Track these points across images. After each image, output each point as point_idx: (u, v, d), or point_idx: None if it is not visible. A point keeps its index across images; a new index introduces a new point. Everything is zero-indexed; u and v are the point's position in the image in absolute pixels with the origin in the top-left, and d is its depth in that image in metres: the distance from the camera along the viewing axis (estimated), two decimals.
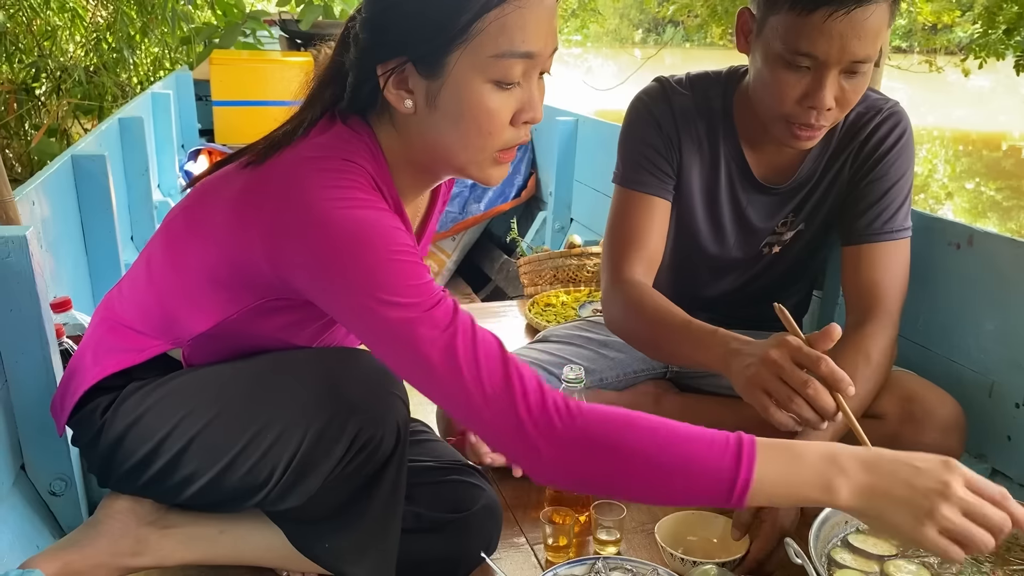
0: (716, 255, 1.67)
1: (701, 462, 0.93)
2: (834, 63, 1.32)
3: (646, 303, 1.46)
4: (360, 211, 0.99)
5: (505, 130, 1.03)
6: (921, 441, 1.43)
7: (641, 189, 1.56)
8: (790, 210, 1.62)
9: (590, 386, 1.70)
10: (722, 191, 1.60)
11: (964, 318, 1.62)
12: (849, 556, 1.17)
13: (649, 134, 1.56)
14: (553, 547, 1.40)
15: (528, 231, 3.55)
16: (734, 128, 1.57)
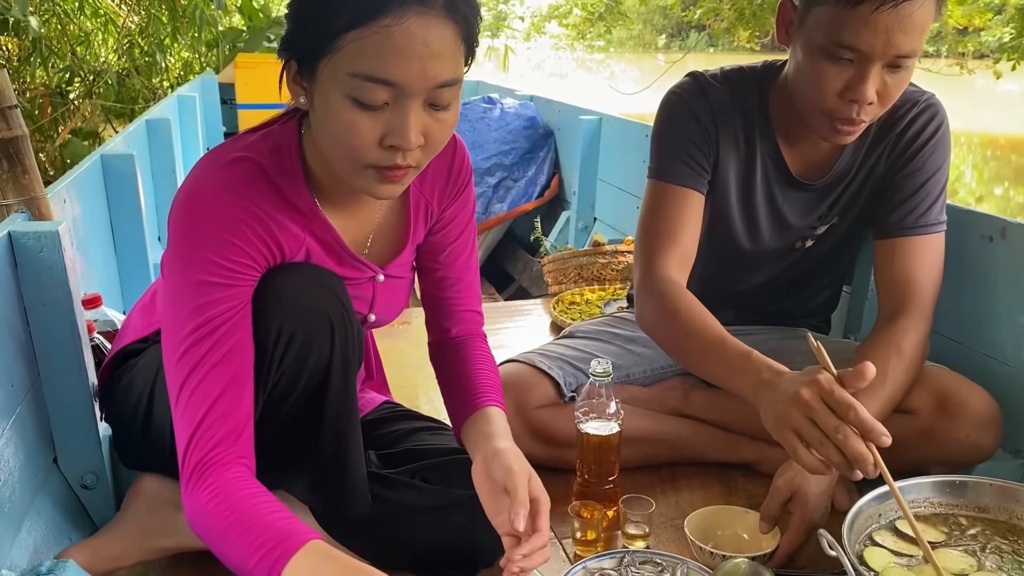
0: (750, 251, 1.65)
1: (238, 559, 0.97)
2: (878, 57, 1.30)
3: (681, 309, 1.41)
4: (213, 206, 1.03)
5: (371, 150, 0.98)
6: (955, 436, 1.42)
7: (676, 181, 1.53)
8: (826, 205, 1.60)
9: (617, 381, 1.69)
10: (758, 187, 1.58)
11: (998, 312, 1.60)
12: (891, 539, 1.16)
13: (686, 127, 1.54)
14: (581, 541, 1.40)
15: (552, 231, 3.54)
16: (771, 124, 1.55)
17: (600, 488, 1.48)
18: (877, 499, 1.19)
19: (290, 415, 1.14)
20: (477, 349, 1.33)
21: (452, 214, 1.28)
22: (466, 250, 1.32)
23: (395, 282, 1.29)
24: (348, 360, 1.14)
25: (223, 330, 1.02)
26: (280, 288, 1.07)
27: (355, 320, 1.15)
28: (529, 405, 1.60)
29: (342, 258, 1.19)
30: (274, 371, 1.09)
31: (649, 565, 1.29)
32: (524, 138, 3.64)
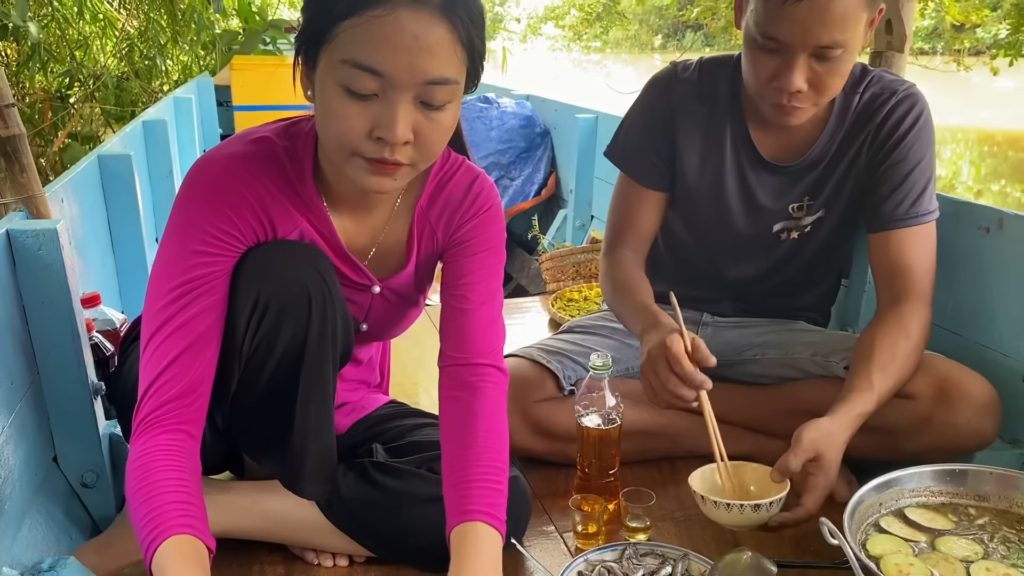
0: (727, 236, 1.68)
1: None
2: (798, 47, 1.34)
3: (616, 275, 1.64)
4: (216, 173, 1.08)
5: (360, 140, 0.99)
6: (954, 422, 1.42)
7: (632, 176, 1.67)
8: (803, 191, 1.61)
9: (616, 375, 1.69)
10: (728, 171, 1.62)
11: (995, 303, 1.60)
12: (898, 525, 1.16)
13: (645, 126, 1.64)
14: (583, 534, 1.39)
15: (549, 229, 3.54)
16: (741, 109, 1.58)
17: (600, 481, 1.48)
18: (877, 488, 1.19)
19: (267, 391, 1.14)
20: (490, 408, 1.21)
21: (463, 238, 1.24)
22: (477, 278, 1.24)
23: (395, 300, 1.29)
24: (325, 338, 1.13)
25: (195, 294, 1.05)
26: (260, 258, 1.09)
27: (339, 301, 1.14)
28: (529, 400, 1.60)
29: (337, 255, 1.19)
30: (249, 341, 1.10)
31: (650, 557, 1.29)
32: (521, 137, 3.64)
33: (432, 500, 1.23)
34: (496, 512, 1.12)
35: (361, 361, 1.44)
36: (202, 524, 1.00)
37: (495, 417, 1.21)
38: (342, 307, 1.16)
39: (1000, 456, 1.48)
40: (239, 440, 1.23)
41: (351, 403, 1.45)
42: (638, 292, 1.58)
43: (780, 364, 1.72)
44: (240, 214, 1.08)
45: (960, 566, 1.07)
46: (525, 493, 1.35)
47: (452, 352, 1.23)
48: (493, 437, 1.18)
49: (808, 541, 1.41)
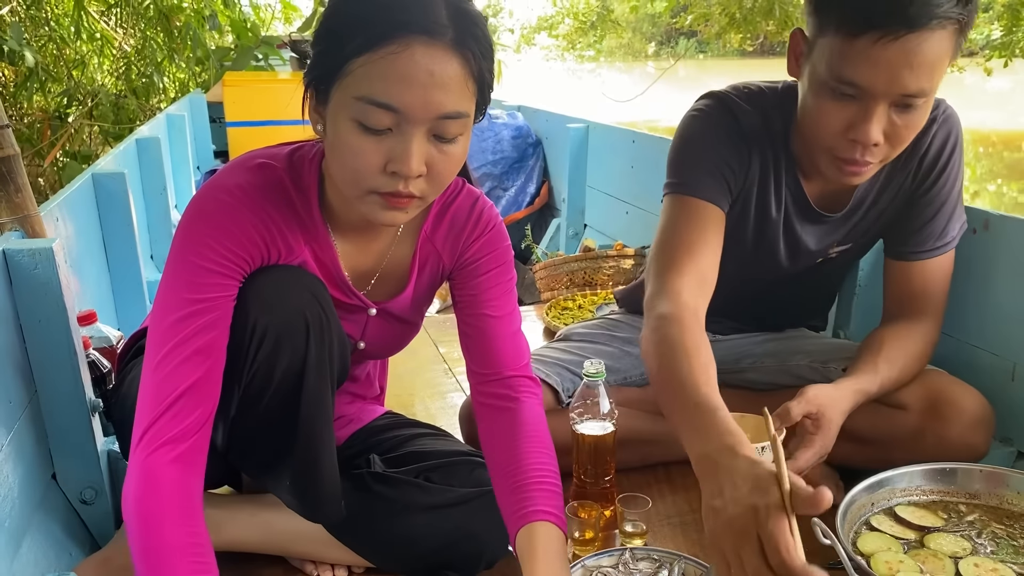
0: (760, 272, 1.61)
1: None
2: (881, 95, 1.20)
3: (670, 336, 1.23)
4: (222, 198, 1.07)
5: (374, 174, 0.99)
6: (946, 435, 1.42)
7: (700, 195, 1.41)
8: (846, 233, 1.56)
9: (614, 384, 1.71)
10: (777, 219, 1.52)
11: (984, 302, 1.62)
12: (889, 523, 1.17)
13: (720, 146, 1.43)
14: (580, 540, 1.40)
15: (543, 238, 3.56)
16: (793, 154, 1.46)
17: (597, 488, 1.49)
18: (868, 489, 1.21)
19: (267, 416, 1.15)
20: (530, 415, 1.24)
21: (472, 259, 1.26)
22: (493, 293, 1.26)
23: (393, 322, 1.30)
24: (324, 363, 1.14)
25: (208, 317, 1.04)
26: (259, 284, 1.09)
27: (335, 326, 1.15)
28: None
29: (335, 282, 1.20)
30: (248, 366, 1.10)
31: (646, 562, 1.30)
32: (512, 148, 3.66)
33: (430, 509, 1.24)
34: (559, 512, 1.15)
35: (359, 378, 1.45)
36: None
37: (538, 423, 1.24)
38: (339, 332, 1.17)
39: (992, 455, 1.49)
40: (240, 464, 1.24)
41: (347, 415, 1.46)
42: (699, 375, 1.15)
43: (778, 371, 1.74)
44: (249, 237, 1.08)
45: (949, 562, 1.08)
46: None
47: (481, 369, 1.26)
48: (541, 442, 1.22)
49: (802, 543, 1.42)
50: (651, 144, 2.86)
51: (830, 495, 0.85)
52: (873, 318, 1.59)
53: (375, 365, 1.51)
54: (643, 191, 2.90)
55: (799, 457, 1.31)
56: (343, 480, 1.29)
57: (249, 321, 1.08)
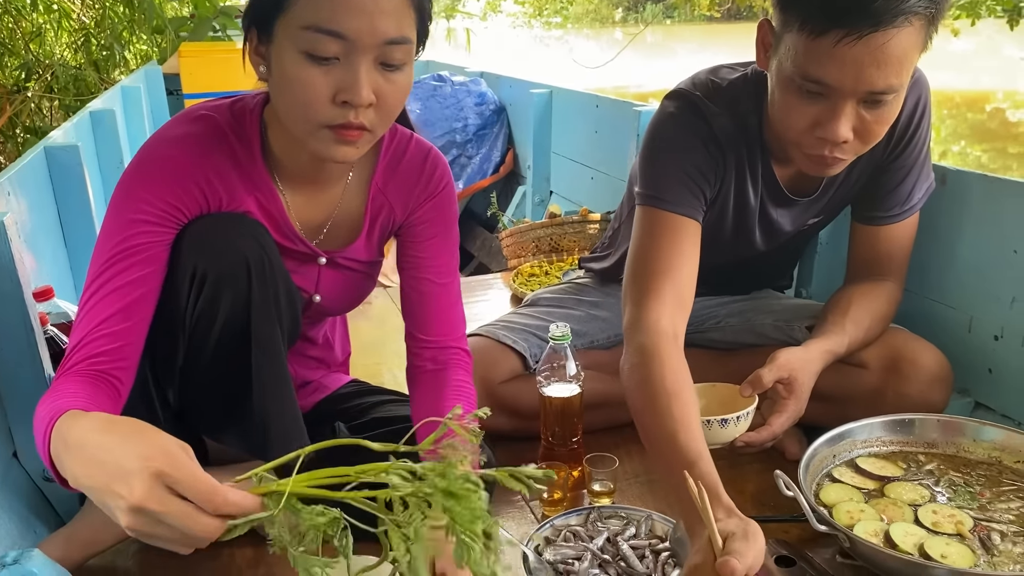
0: (735, 255, 1.60)
1: None
2: (849, 93, 1.17)
3: (655, 378, 1.21)
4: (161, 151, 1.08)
5: (325, 106, 1.00)
6: (906, 392, 1.45)
7: (675, 210, 1.37)
8: (819, 211, 1.56)
9: (581, 347, 1.71)
10: (753, 207, 1.50)
11: (941, 257, 1.64)
12: (850, 474, 1.19)
13: (692, 154, 1.39)
14: (548, 501, 1.42)
15: (509, 206, 3.55)
16: (766, 143, 1.43)
17: (565, 449, 1.50)
18: (829, 441, 1.23)
19: (217, 367, 1.14)
20: (456, 381, 1.27)
21: (422, 220, 1.26)
22: (442, 257, 1.28)
23: (345, 273, 1.29)
24: (269, 306, 1.13)
25: (132, 260, 1.05)
26: (197, 229, 1.10)
27: (280, 271, 1.14)
28: (494, 381, 1.61)
29: (282, 231, 1.20)
30: (190, 312, 1.11)
31: (615, 519, 1.32)
32: (476, 114, 3.63)
33: None
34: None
35: (316, 340, 1.44)
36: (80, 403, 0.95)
37: (466, 385, 1.27)
38: (284, 276, 1.16)
39: (951, 406, 1.52)
40: (197, 424, 1.23)
41: (313, 383, 1.45)
42: (679, 423, 1.14)
43: (742, 331, 1.75)
44: (186, 189, 1.09)
45: (908, 510, 1.11)
46: (491, 464, 1.37)
47: (420, 335, 1.27)
48: (463, 398, 1.24)
49: (767, 497, 1.45)
50: (614, 108, 2.85)
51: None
52: (834, 277, 1.61)
53: (334, 328, 1.50)
54: (607, 156, 2.89)
55: (773, 422, 1.32)
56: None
57: (188, 266, 1.09)
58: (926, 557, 1.01)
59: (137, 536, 0.77)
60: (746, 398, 1.33)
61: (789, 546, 1.14)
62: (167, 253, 1.09)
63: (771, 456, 1.40)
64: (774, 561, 1.11)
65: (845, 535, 1.02)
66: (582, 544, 1.25)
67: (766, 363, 1.33)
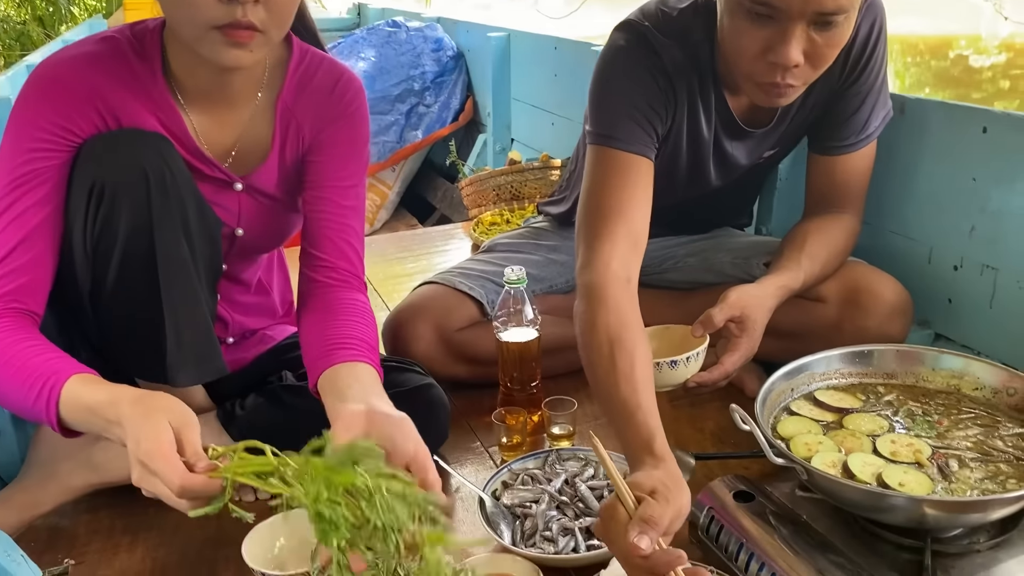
0: (689, 190, 1.56)
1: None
2: (797, 15, 1.13)
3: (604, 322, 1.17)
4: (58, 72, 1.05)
5: (210, 4, 0.97)
6: (865, 326, 1.44)
7: (627, 148, 1.33)
8: (775, 142, 1.53)
9: (539, 292, 1.68)
10: (707, 140, 1.46)
11: (901, 187, 1.62)
12: (808, 407, 1.18)
13: (642, 88, 1.34)
14: (508, 446, 1.39)
15: (470, 155, 3.48)
16: (718, 74, 1.38)
17: (523, 394, 1.48)
18: (787, 375, 1.21)
19: (123, 289, 1.10)
20: (350, 298, 1.22)
21: (329, 139, 1.23)
22: (348, 180, 1.24)
23: (265, 202, 1.25)
24: (174, 222, 1.09)
25: (27, 187, 1.03)
26: (95, 143, 1.07)
27: (183, 183, 1.10)
28: (450, 328, 1.58)
29: (188, 150, 1.16)
30: (90, 229, 1.07)
31: (573, 461, 1.30)
32: (433, 61, 3.54)
33: None
34: (371, 353, 1.13)
35: (250, 284, 1.38)
36: (80, 367, 0.98)
37: (359, 304, 1.22)
38: (193, 194, 1.12)
39: (910, 338, 1.52)
40: (117, 362, 1.17)
41: (257, 333, 1.41)
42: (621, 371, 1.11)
43: (701, 270, 1.73)
44: (80, 111, 1.06)
45: (867, 440, 1.10)
46: (442, 400, 1.34)
47: (315, 251, 1.23)
48: (358, 316, 1.19)
49: (727, 434, 1.44)
50: (573, 50, 2.78)
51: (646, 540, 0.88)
52: (794, 213, 1.58)
53: (270, 271, 1.45)
54: (568, 100, 2.83)
55: (725, 361, 1.31)
56: (256, 396, 1.24)
57: (85, 180, 1.06)
58: (884, 486, 0.99)
59: None
60: (698, 338, 1.30)
61: (748, 482, 1.13)
62: (63, 174, 1.06)
63: (731, 394, 1.38)
64: (732, 497, 1.10)
65: (803, 467, 1.01)
66: (540, 487, 1.23)
67: (718, 302, 1.31)
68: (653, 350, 1.40)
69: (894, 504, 0.96)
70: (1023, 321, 1.41)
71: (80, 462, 1.23)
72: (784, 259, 1.43)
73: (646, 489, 0.92)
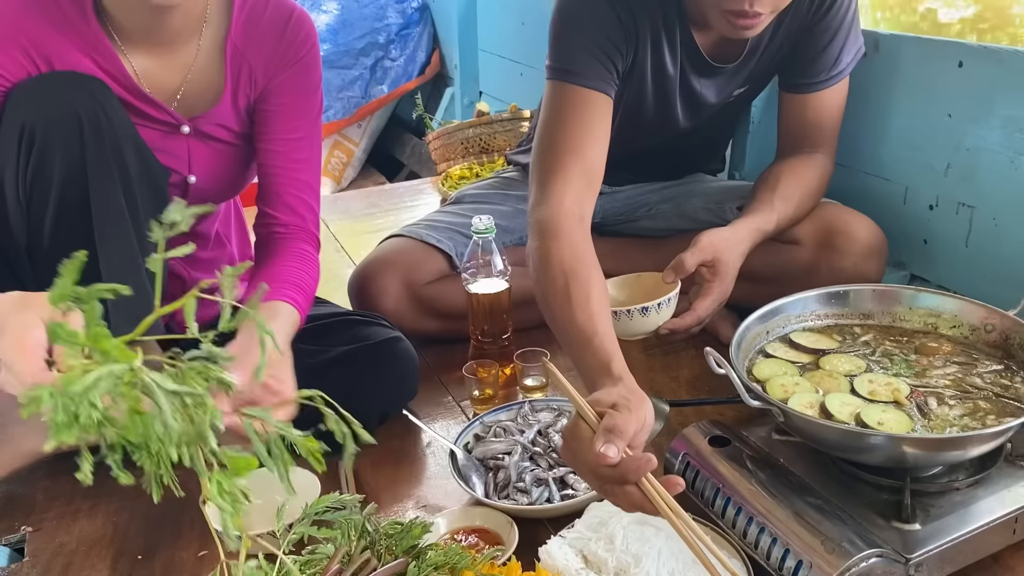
0: (658, 131, 1.52)
1: None
2: None
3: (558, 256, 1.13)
4: None
5: None
6: (840, 266, 1.42)
7: (584, 83, 1.28)
8: (744, 80, 1.49)
9: (509, 244, 1.64)
10: (674, 77, 1.42)
11: (876, 127, 1.59)
12: (784, 349, 1.16)
13: (602, 22, 1.30)
14: (480, 400, 1.36)
15: (438, 110, 3.41)
16: (684, 9, 1.35)
17: (495, 347, 1.45)
18: (762, 318, 1.18)
19: (61, 243, 1.04)
20: (297, 248, 1.20)
21: (279, 87, 1.19)
22: (299, 131, 1.21)
23: (216, 146, 1.21)
24: (109, 167, 1.04)
25: None
26: (26, 87, 1.02)
27: (120, 124, 1.05)
28: (418, 282, 1.53)
29: (128, 91, 1.11)
30: (23, 179, 1.02)
31: (546, 412, 1.27)
32: (397, 13, 3.44)
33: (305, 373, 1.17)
34: (296, 295, 1.12)
35: (208, 237, 1.33)
36: None
37: (308, 254, 1.20)
38: (132, 138, 1.07)
39: (886, 279, 1.50)
40: None
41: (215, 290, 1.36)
42: (577, 302, 1.07)
43: (674, 216, 1.70)
44: (7, 53, 1.01)
45: (844, 380, 1.07)
46: (409, 353, 1.31)
47: (268, 209, 1.21)
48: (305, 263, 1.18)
49: (702, 381, 1.42)
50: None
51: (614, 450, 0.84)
52: (767, 158, 1.55)
53: (228, 223, 1.40)
54: (537, 49, 2.75)
55: (698, 307, 1.28)
56: None
57: (15, 124, 1.01)
58: (863, 426, 0.97)
59: None
60: (669, 284, 1.27)
61: (723, 427, 1.11)
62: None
63: (705, 341, 1.35)
64: (708, 442, 1.07)
65: (779, 409, 0.98)
66: (512, 438, 1.20)
67: (689, 246, 1.28)
68: (624, 298, 1.38)
69: (873, 443, 0.94)
70: (999, 259, 1.39)
71: (33, 425, 1.18)
72: (757, 201, 1.40)
73: (607, 404, 0.89)
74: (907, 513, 0.93)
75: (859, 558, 0.87)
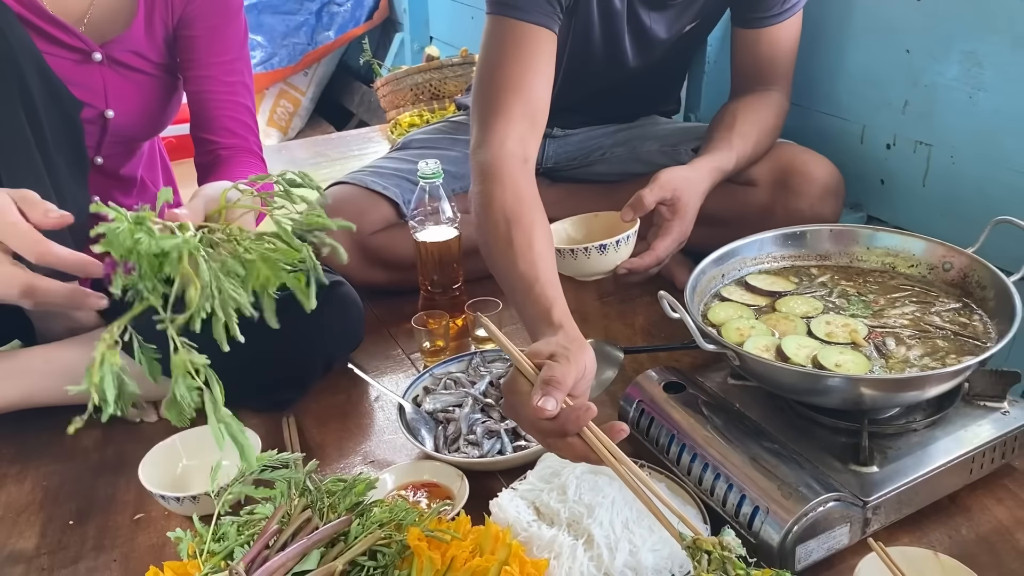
0: (608, 70, 1.48)
1: None
2: None
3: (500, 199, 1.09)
4: None
5: None
6: (797, 207, 1.39)
7: (526, 18, 1.22)
8: (694, 15, 1.44)
9: (460, 191, 1.58)
10: (622, 12, 1.37)
11: (830, 66, 1.55)
12: (739, 292, 1.13)
13: None
14: (430, 352, 1.32)
15: (387, 56, 3.30)
16: None
17: (446, 297, 1.40)
18: (717, 260, 1.15)
19: None
20: (243, 160, 1.18)
21: (199, 10, 1.14)
22: (228, 53, 1.17)
23: (134, 76, 1.14)
24: (10, 92, 0.97)
25: None
26: None
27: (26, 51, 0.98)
28: (365, 231, 1.47)
29: (34, 13, 1.03)
30: None
31: (498, 363, 1.23)
32: None
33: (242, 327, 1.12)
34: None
35: (132, 180, 1.26)
36: None
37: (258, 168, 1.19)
38: (34, 61, 0.99)
39: (843, 220, 1.47)
40: None
41: None
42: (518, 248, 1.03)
43: (628, 160, 1.65)
44: None
45: (801, 322, 1.05)
46: (353, 298, 1.25)
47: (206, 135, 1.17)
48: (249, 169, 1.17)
49: (658, 328, 1.39)
50: None
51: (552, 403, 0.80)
52: (723, 99, 1.51)
53: (153, 167, 1.33)
54: None
55: (657, 247, 1.24)
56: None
57: None
58: (820, 368, 0.95)
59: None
60: (627, 223, 1.23)
61: (678, 373, 1.08)
62: None
63: (660, 286, 1.31)
64: (662, 388, 1.04)
65: (735, 352, 0.95)
66: (463, 390, 1.16)
67: (648, 184, 1.23)
68: (581, 237, 1.34)
69: (830, 385, 0.92)
70: (956, 198, 1.37)
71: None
72: (714, 140, 1.36)
73: (544, 355, 0.85)
74: (864, 456, 0.91)
75: (816, 502, 0.84)
